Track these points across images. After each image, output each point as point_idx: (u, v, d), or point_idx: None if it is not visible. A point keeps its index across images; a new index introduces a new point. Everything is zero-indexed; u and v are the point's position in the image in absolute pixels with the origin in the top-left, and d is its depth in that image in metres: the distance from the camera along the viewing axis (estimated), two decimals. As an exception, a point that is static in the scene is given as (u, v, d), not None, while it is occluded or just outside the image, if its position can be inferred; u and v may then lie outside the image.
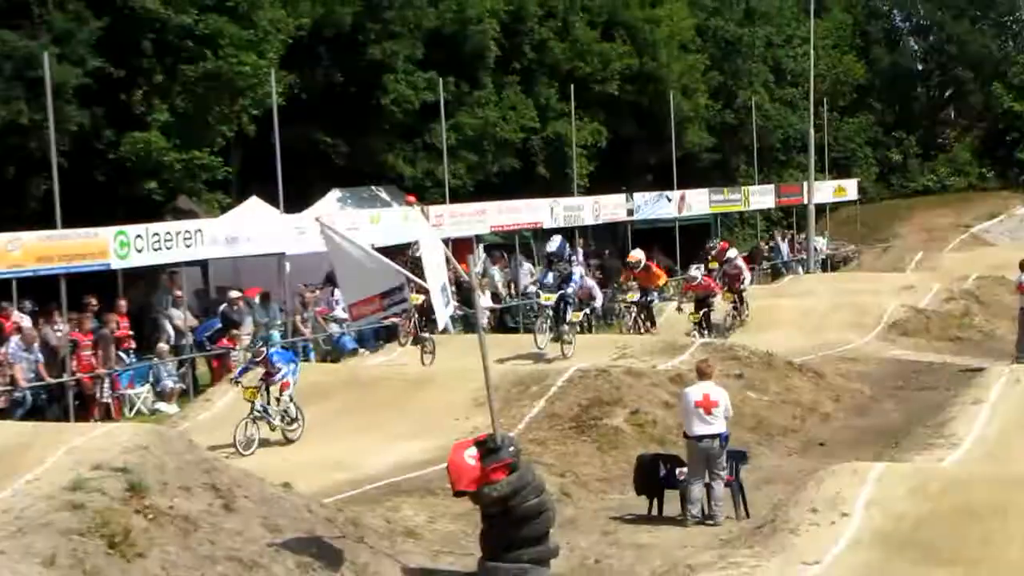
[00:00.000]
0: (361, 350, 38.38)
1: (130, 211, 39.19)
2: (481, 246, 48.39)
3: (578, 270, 32.65)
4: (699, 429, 21.65)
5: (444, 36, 53.70)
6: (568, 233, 51.01)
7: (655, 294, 38.90)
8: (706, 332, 38.72)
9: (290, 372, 27.20)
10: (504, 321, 44.20)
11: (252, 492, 19.31)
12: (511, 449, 18.93)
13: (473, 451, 18.71)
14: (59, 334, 32.39)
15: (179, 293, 37.55)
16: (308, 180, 46.41)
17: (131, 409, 32.57)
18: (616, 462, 24.69)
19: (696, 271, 41.72)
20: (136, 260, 36.02)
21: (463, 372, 27.32)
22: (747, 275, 43.10)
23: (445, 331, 31.35)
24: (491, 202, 51.28)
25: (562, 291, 31.57)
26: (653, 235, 58.71)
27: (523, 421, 25.65)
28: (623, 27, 61.73)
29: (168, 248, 37.01)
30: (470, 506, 19.38)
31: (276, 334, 38.05)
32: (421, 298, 26.60)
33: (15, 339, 31.05)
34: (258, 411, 26.24)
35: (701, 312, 39.61)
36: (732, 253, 43.26)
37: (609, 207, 56.50)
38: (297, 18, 47.18)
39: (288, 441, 26.61)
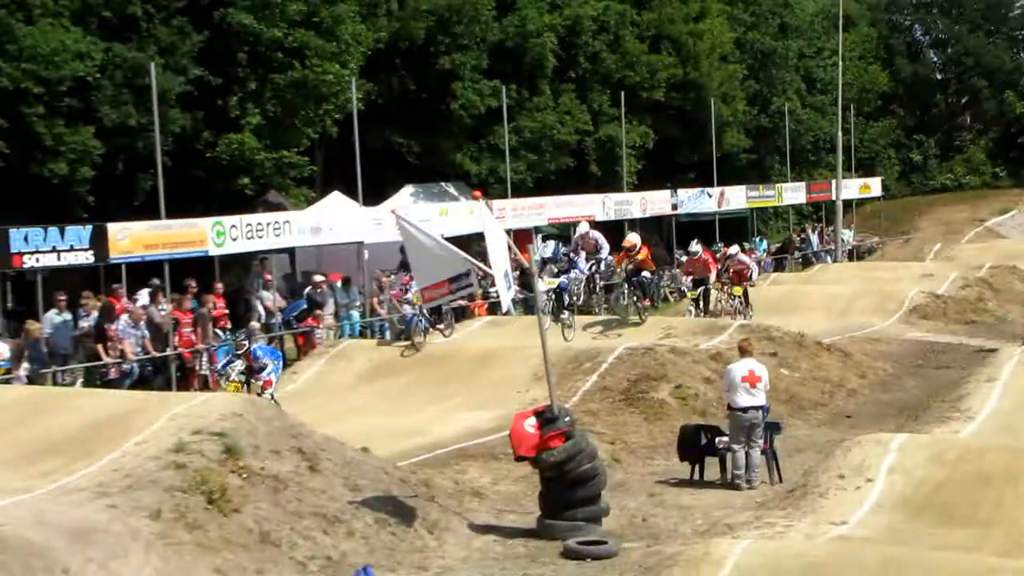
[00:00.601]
0: (428, 328, 38.43)
1: (225, 204, 39.56)
2: (540, 236, 48.29)
3: (582, 261, 30.32)
4: (745, 401, 21.79)
5: (507, 48, 53.88)
6: (618, 225, 51.27)
7: (646, 273, 35.63)
8: (702, 313, 37.86)
9: (273, 370, 25.80)
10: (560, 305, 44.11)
11: (334, 455, 19.49)
12: (567, 419, 19.21)
13: (533, 420, 18.98)
14: (163, 313, 32.65)
15: (269, 277, 37.80)
16: (384, 176, 46.55)
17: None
18: (662, 431, 24.72)
19: (696, 246, 40.93)
20: (231, 247, 36.35)
21: (523, 350, 27.42)
22: (753, 267, 41.10)
23: (508, 313, 31.31)
24: (548, 197, 51.60)
25: (561, 280, 29.78)
26: (695, 227, 58.59)
27: (577, 394, 25.66)
28: (669, 40, 61.63)
29: (260, 237, 37.36)
30: (530, 470, 19.56)
31: (356, 314, 38.25)
32: None
33: (124, 317, 31.35)
34: None
35: (699, 290, 38.69)
36: (734, 250, 41.23)
37: (656, 202, 56.39)
38: (375, 32, 47.54)
39: None
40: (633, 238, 35.76)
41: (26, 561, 14.52)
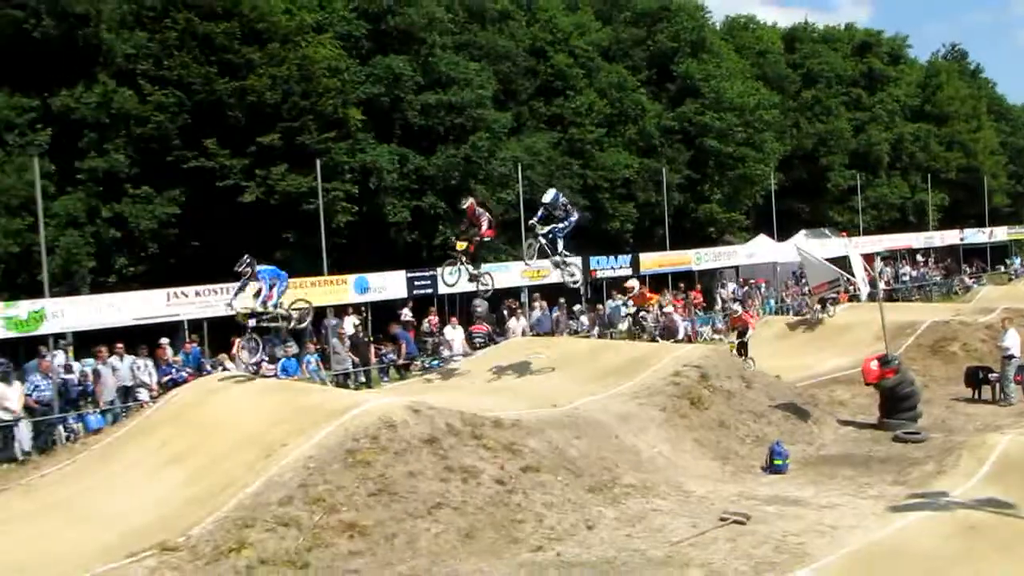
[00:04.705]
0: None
1: (700, 241, 39.60)
2: (878, 257, 46.06)
3: (575, 217, 18.57)
4: (1019, 353, 20.62)
5: (859, 151, 52.60)
6: (926, 252, 48.38)
7: (648, 310, 24.77)
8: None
9: (276, 287, 16.99)
10: (891, 296, 41.69)
11: (760, 379, 19.29)
12: (896, 361, 18.73)
13: (876, 362, 18.54)
14: (667, 300, 32.77)
15: (724, 281, 37.57)
16: (787, 225, 45.33)
17: (701, 338, 32.72)
18: (954, 370, 23.04)
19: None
20: (704, 265, 36.87)
21: (870, 322, 26.14)
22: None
23: (862, 300, 29.59)
24: (884, 235, 49.38)
25: (553, 227, 18.25)
26: (974, 252, 54.49)
27: (902, 348, 24.10)
28: (959, 144, 57.43)
29: (719, 260, 37.36)
30: (873, 390, 18.88)
31: (772, 302, 37.39)
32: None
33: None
34: (251, 328, 16.97)
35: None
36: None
37: (948, 237, 52.60)
38: (784, 145, 46.93)
39: (299, 328, 17.76)
40: (632, 283, 25.10)
41: (595, 432, 15.25)
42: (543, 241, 17.96)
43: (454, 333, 25.69)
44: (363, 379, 23.79)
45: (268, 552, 10.94)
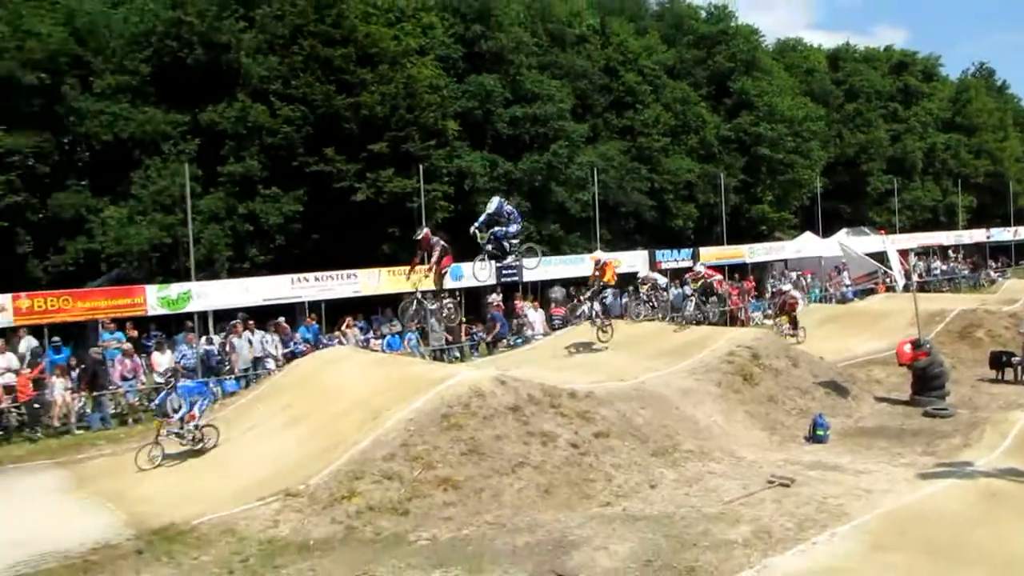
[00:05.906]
0: (855, 298, 36.07)
1: (752, 238, 38.75)
2: (912, 253, 44.47)
3: (515, 227, 15.82)
4: None
5: (896, 158, 50.65)
6: (956, 249, 46.66)
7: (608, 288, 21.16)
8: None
9: (198, 405, 14.22)
10: (923, 287, 40.26)
11: (805, 358, 18.87)
12: (927, 344, 18.25)
13: (909, 345, 18.10)
14: (726, 287, 31.86)
15: (774, 273, 36.61)
16: (830, 223, 44.06)
17: (754, 323, 31.99)
18: (980, 353, 22.21)
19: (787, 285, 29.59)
20: (757, 259, 35.95)
21: (904, 310, 25.30)
22: (802, 303, 26.41)
23: (897, 291, 28.59)
24: (917, 233, 47.50)
25: (494, 232, 15.57)
26: (999, 249, 52.25)
27: (933, 332, 23.28)
28: (986, 152, 55.21)
29: (769, 254, 36.52)
30: (906, 370, 18.34)
31: (817, 291, 36.29)
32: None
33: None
34: (162, 437, 13.98)
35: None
36: (786, 287, 27.36)
37: (975, 235, 50.45)
38: (828, 153, 45.77)
39: (201, 452, 13.95)
40: (598, 254, 22.00)
41: (658, 403, 15.07)
42: (490, 248, 15.67)
43: (535, 315, 25.63)
44: (456, 354, 23.92)
45: (374, 500, 11.11)
